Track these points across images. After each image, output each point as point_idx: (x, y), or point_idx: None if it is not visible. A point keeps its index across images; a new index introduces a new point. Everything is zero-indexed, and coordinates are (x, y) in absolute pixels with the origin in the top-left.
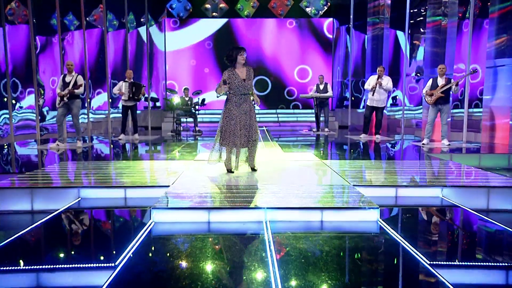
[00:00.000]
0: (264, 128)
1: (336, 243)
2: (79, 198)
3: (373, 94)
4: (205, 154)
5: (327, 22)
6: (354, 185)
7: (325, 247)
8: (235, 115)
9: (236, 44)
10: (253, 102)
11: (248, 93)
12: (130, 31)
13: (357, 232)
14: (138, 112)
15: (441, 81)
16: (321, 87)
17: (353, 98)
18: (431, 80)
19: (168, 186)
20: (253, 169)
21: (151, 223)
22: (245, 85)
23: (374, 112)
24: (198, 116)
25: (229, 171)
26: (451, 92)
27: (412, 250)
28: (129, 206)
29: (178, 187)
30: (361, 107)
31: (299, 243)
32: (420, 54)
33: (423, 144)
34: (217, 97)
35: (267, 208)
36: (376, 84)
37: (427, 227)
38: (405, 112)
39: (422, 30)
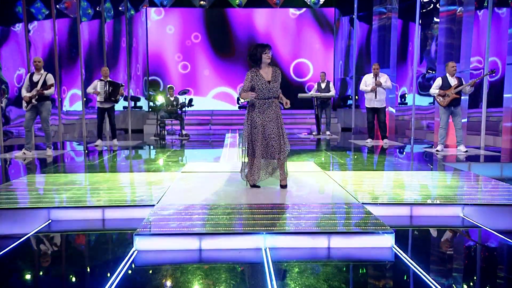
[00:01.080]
0: None
1: (346, 275)
2: (50, 221)
3: (375, 96)
4: (194, 164)
5: (328, 11)
6: (363, 203)
7: (334, 282)
8: (258, 123)
9: (226, 37)
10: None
11: (274, 97)
12: (106, 21)
13: (370, 261)
14: (116, 113)
15: (453, 81)
16: (323, 85)
17: (356, 97)
18: (439, 79)
19: (153, 205)
20: (283, 186)
21: (134, 251)
22: (271, 88)
23: (376, 114)
24: (184, 118)
25: (253, 186)
26: (462, 93)
27: (434, 285)
28: (108, 229)
29: (164, 207)
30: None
31: (304, 274)
32: (433, 48)
33: (437, 151)
34: (239, 103)
35: (266, 233)
36: (375, 85)
37: (448, 253)
38: (415, 112)
39: (435, 20)
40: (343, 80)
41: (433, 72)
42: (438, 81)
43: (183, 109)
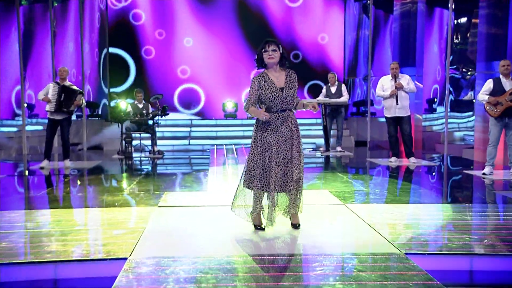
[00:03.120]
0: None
1: None
2: None
3: (397, 102)
4: (174, 195)
5: None
6: (406, 253)
7: None
8: (270, 144)
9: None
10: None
11: (289, 109)
12: (54, 6)
13: None
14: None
15: (508, 85)
16: (333, 89)
17: (373, 103)
18: (490, 81)
19: (125, 258)
20: (295, 226)
21: None
22: (284, 96)
23: (399, 125)
24: (157, 130)
25: (258, 227)
26: None
27: None
28: None
29: (140, 261)
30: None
31: None
32: (472, 40)
33: (483, 174)
34: (248, 118)
35: None
36: (396, 88)
37: None
38: (448, 122)
39: (473, 5)
40: (353, 81)
41: (469, 72)
42: (489, 85)
43: (155, 119)
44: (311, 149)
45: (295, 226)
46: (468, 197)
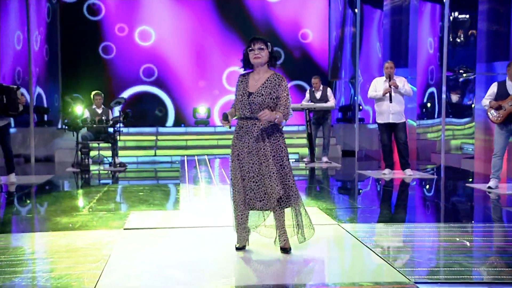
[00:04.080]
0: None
1: None
2: None
3: (390, 101)
4: (141, 215)
5: None
6: (416, 282)
7: None
8: (236, 154)
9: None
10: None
11: (254, 118)
12: None
13: None
14: (13, 132)
15: None
16: (318, 94)
17: (360, 108)
18: (495, 85)
19: None
20: (285, 250)
21: None
22: (249, 102)
23: (393, 133)
24: (119, 140)
25: (238, 249)
26: None
27: None
28: None
29: None
30: (371, 121)
31: None
32: (470, 38)
33: (489, 187)
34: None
35: None
36: (390, 87)
37: None
38: (445, 129)
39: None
40: (335, 84)
41: (468, 73)
42: (493, 89)
43: (117, 126)
44: (294, 160)
45: (285, 250)
46: (475, 215)
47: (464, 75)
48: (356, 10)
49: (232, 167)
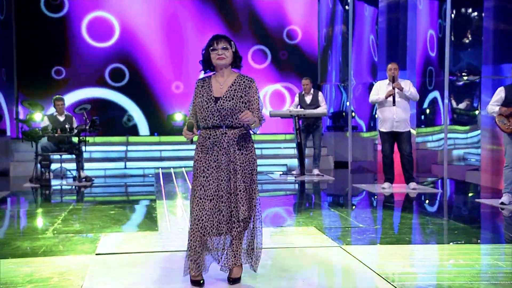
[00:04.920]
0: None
1: None
2: None
3: (393, 103)
4: (114, 238)
5: None
6: None
7: None
8: (202, 170)
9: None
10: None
11: (227, 126)
12: None
13: None
14: None
15: None
16: (308, 99)
17: (353, 114)
18: (502, 90)
19: None
20: (232, 280)
21: None
22: (217, 108)
23: (396, 142)
24: (85, 150)
25: (194, 283)
26: None
27: None
28: None
29: None
30: (364, 129)
31: None
32: (475, 38)
33: (502, 203)
34: (187, 141)
35: None
36: (394, 90)
37: None
38: (448, 138)
39: None
40: (338, 87)
41: (472, 77)
42: (500, 94)
43: (82, 136)
44: (282, 173)
45: (232, 280)
46: (489, 235)
47: (465, 78)
48: (347, 7)
49: (194, 185)
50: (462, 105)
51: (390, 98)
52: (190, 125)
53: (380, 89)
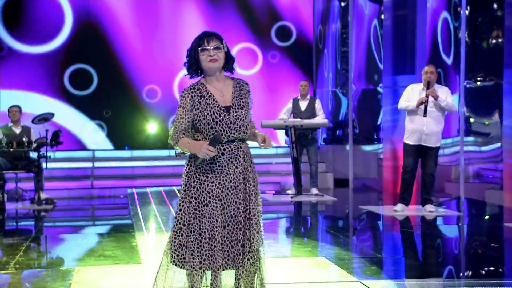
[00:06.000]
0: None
1: None
2: None
3: (425, 113)
4: (92, 272)
5: None
6: None
7: None
8: (212, 194)
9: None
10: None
11: (240, 139)
12: None
13: None
14: None
15: None
16: (303, 105)
17: (354, 124)
18: None
19: None
20: None
21: None
22: (232, 120)
23: (420, 158)
24: (45, 168)
25: None
26: None
27: None
28: None
29: None
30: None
31: None
32: (495, 37)
33: None
34: (177, 155)
35: None
36: (426, 97)
37: None
38: (463, 150)
39: None
40: (334, 93)
41: (491, 82)
42: None
43: (42, 150)
44: (274, 192)
45: None
46: None
47: (482, 83)
48: (343, 3)
49: (198, 214)
50: (479, 114)
51: (422, 107)
52: (217, 137)
53: (412, 94)
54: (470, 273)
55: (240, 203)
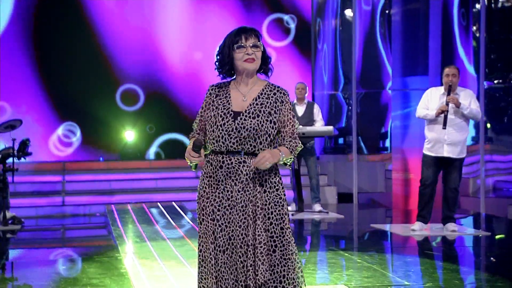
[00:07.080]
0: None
1: None
2: None
3: (444, 125)
4: None
5: None
6: None
7: None
8: (210, 210)
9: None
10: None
11: (246, 152)
12: None
13: None
14: None
15: None
16: (300, 110)
17: (359, 132)
18: None
19: None
20: None
21: None
22: (236, 127)
23: (442, 171)
24: (12, 183)
25: None
26: None
27: None
28: None
29: None
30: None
31: None
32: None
33: None
34: (191, 168)
35: None
36: (447, 105)
37: None
38: (483, 160)
39: None
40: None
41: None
42: None
43: (8, 162)
44: None
45: None
46: None
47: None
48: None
49: (202, 231)
50: (499, 120)
51: (442, 116)
52: (197, 143)
53: (432, 100)
54: None
55: (240, 226)
